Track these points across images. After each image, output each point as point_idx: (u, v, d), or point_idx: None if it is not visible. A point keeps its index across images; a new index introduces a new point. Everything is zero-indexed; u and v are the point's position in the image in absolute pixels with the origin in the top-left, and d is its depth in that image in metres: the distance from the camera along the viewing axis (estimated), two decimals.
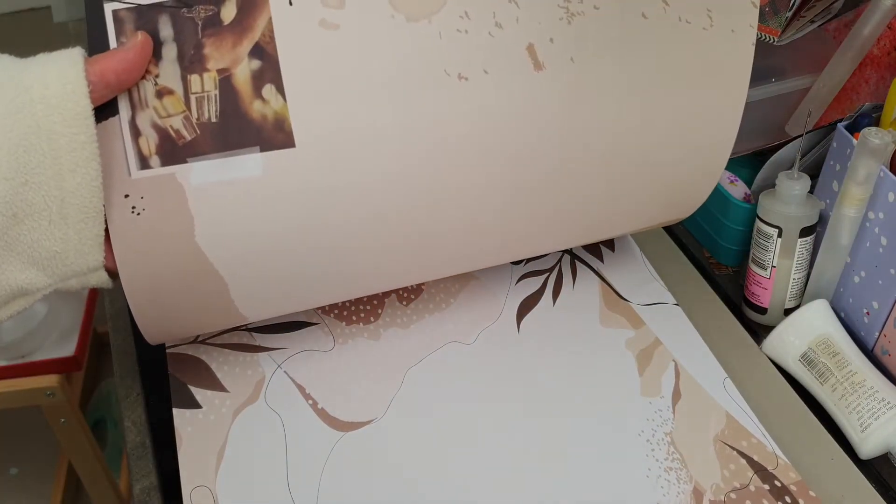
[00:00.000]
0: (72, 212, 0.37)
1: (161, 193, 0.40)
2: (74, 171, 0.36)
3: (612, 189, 0.49)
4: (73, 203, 0.37)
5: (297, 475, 0.46)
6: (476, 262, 0.51)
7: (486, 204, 0.46)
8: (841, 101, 0.67)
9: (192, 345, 0.54)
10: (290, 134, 0.40)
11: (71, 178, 0.36)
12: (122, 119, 0.39)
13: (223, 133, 0.40)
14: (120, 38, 0.38)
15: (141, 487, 0.49)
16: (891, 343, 0.52)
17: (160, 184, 0.39)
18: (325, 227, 0.43)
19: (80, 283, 0.40)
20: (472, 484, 0.46)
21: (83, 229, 0.37)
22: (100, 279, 0.40)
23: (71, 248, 0.38)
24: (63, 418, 0.97)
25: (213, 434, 0.48)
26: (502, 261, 0.53)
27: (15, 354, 0.96)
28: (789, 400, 0.52)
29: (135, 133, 0.39)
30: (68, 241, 0.37)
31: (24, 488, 1.28)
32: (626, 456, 0.48)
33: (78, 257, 0.38)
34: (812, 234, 0.56)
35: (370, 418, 0.49)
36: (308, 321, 0.55)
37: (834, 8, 0.61)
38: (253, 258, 0.43)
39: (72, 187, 0.36)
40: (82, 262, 0.38)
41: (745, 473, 0.46)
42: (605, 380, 0.52)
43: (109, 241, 0.40)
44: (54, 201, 0.36)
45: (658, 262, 0.60)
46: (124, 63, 0.37)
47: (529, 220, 0.49)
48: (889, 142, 0.50)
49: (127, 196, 0.39)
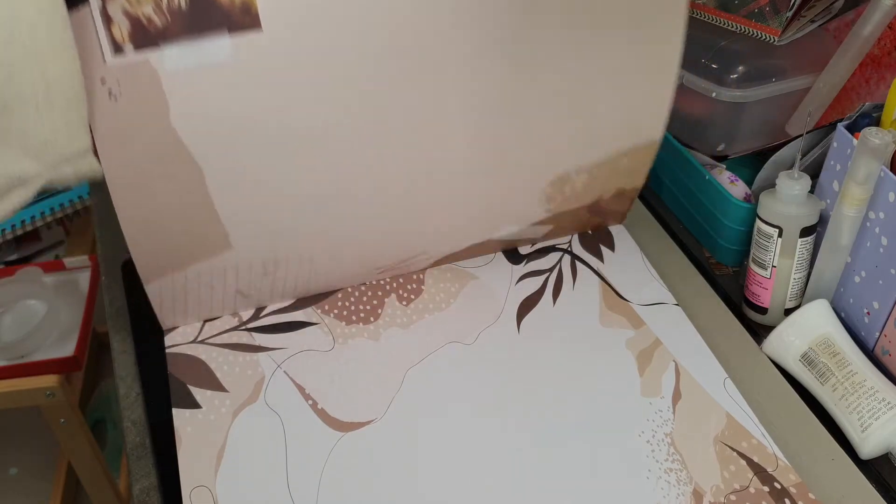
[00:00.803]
0: (57, 97, 0.38)
1: (136, 78, 0.42)
2: (55, 57, 0.38)
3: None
4: (57, 89, 0.38)
5: (297, 475, 0.46)
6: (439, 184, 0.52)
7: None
8: (841, 101, 0.66)
9: (191, 345, 0.54)
10: (256, 17, 0.42)
11: (52, 64, 0.38)
12: (93, 7, 0.40)
13: (193, 18, 0.41)
14: None
15: (141, 487, 0.49)
16: (891, 343, 0.52)
17: (134, 69, 0.42)
18: (295, 115, 0.44)
19: (72, 170, 0.41)
20: (471, 483, 0.46)
21: (69, 113, 0.39)
22: (91, 165, 0.42)
23: (60, 133, 0.39)
24: (63, 418, 0.97)
25: (213, 434, 0.48)
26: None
27: (15, 354, 0.96)
28: (789, 400, 0.52)
29: (107, 21, 0.41)
30: (56, 127, 0.39)
31: (24, 488, 1.28)
32: (627, 456, 0.48)
33: (66, 141, 0.40)
34: (812, 234, 0.55)
35: (370, 419, 0.49)
36: (308, 321, 0.55)
37: (834, 8, 0.61)
38: (226, 144, 0.44)
39: (54, 74, 0.38)
40: (71, 146, 0.40)
41: (745, 475, 0.46)
42: (606, 380, 0.52)
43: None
44: (40, 89, 0.38)
45: (658, 262, 0.60)
46: None
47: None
48: (889, 142, 0.50)
49: (104, 81, 0.41)
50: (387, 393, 0.51)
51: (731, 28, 0.63)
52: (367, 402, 0.50)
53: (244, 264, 0.50)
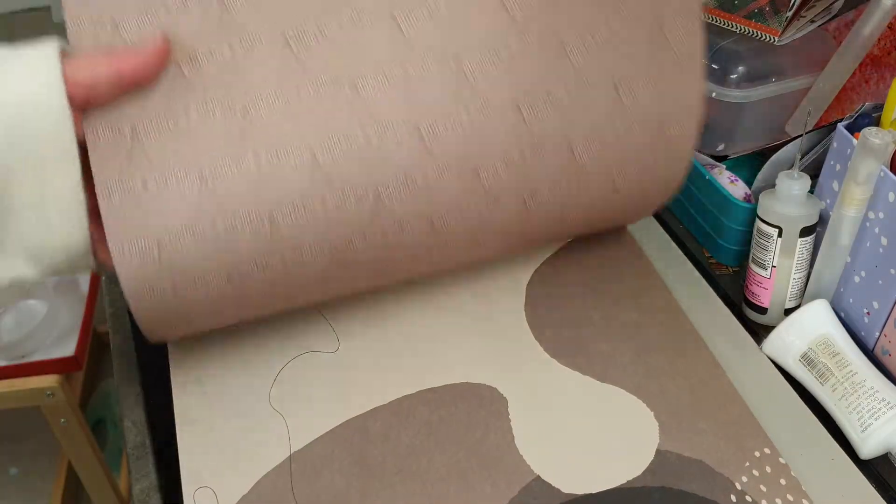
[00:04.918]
0: (55, 207, 0.37)
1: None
2: (56, 170, 0.37)
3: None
4: (58, 197, 0.37)
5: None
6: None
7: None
8: (841, 101, 0.67)
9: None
10: None
11: (53, 173, 0.37)
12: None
13: None
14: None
15: (141, 487, 0.49)
16: (891, 343, 0.52)
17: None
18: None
19: (69, 269, 0.40)
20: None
21: (67, 221, 0.38)
22: (88, 262, 0.41)
23: (56, 241, 0.38)
24: (63, 418, 0.97)
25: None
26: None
27: (15, 354, 0.96)
28: (789, 400, 0.52)
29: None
30: (52, 234, 0.38)
31: (24, 488, 1.28)
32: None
33: (65, 246, 0.39)
34: (812, 234, 0.55)
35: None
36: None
37: (834, 8, 0.61)
38: None
39: (53, 186, 0.37)
40: (69, 250, 0.39)
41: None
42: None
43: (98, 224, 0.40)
44: (38, 195, 0.37)
45: (658, 262, 0.60)
46: (134, 66, 0.39)
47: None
48: (889, 142, 0.50)
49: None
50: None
51: (730, 28, 0.63)
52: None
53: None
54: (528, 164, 0.46)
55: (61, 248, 0.38)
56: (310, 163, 0.41)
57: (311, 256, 0.44)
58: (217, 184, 0.41)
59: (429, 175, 0.44)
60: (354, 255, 0.45)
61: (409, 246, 0.46)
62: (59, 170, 0.37)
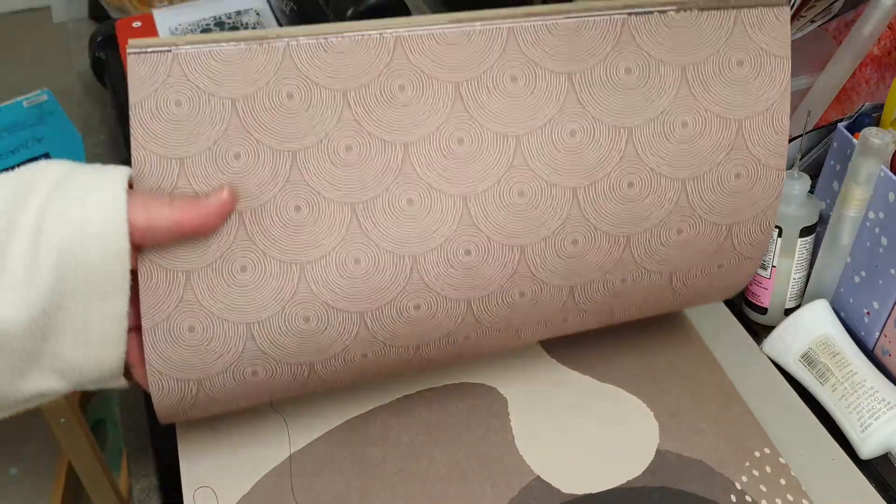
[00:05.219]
0: (96, 335, 0.37)
1: None
2: (103, 301, 0.37)
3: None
4: (99, 328, 0.37)
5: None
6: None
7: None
8: (841, 101, 0.67)
9: None
10: None
11: (101, 304, 0.37)
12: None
13: None
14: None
15: (141, 487, 0.49)
16: (891, 343, 0.52)
17: None
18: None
19: (95, 387, 0.40)
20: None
21: (106, 348, 0.38)
22: (119, 384, 0.41)
23: (91, 364, 0.38)
24: (63, 418, 0.97)
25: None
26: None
27: None
28: (789, 400, 0.52)
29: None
30: (89, 358, 0.38)
31: (24, 488, 1.28)
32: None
33: (97, 369, 0.39)
34: (812, 234, 0.55)
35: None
36: None
37: (834, 8, 0.61)
38: None
39: (98, 314, 0.37)
40: (101, 374, 0.39)
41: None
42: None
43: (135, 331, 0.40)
44: (82, 321, 0.37)
45: None
46: (195, 218, 0.38)
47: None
48: (889, 142, 0.50)
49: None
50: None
51: None
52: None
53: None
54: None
55: (95, 370, 0.38)
56: (358, 324, 0.42)
57: (348, 382, 0.46)
58: (263, 339, 0.41)
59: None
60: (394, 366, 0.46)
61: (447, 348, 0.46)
62: (107, 302, 0.37)
